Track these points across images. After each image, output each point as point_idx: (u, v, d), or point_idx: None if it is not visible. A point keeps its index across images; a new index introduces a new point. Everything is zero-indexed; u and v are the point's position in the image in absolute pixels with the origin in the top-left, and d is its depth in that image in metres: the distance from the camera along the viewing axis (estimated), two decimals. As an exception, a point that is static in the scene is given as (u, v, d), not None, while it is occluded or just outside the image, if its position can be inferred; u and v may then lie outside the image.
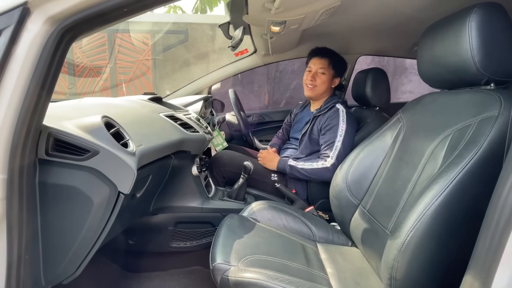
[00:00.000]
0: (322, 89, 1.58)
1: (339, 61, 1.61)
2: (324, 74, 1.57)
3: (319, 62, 1.58)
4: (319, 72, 1.57)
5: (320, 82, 1.57)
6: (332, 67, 1.57)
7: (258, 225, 1.09)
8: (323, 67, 1.56)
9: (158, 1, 0.67)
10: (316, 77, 1.57)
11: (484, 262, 0.51)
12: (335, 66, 1.58)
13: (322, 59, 1.57)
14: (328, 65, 1.57)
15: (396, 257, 0.71)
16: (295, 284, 0.76)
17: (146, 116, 1.15)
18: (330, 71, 1.57)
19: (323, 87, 1.58)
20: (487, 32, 0.75)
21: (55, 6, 0.59)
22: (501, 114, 0.70)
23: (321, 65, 1.57)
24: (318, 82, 1.57)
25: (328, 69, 1.57)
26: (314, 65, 1.59)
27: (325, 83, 1.57)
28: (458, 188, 0.68)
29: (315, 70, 1.58)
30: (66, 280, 0.80)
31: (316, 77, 1.57)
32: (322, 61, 1.57)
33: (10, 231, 0.61)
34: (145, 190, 1.05)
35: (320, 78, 1.57)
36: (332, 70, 1.58)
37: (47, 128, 0.68)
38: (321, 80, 1.57)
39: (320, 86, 1.57)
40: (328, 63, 1.57)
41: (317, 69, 1.57)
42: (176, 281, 1.32)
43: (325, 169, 1.40)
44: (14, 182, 0.60)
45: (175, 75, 3.63)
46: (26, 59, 0.59)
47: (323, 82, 1.57)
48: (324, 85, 1.58)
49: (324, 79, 1.57)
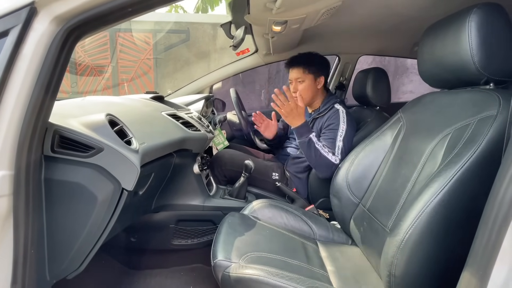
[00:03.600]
0: (308, 95, 1.58)
1: (313, 63, 1.58)
2: (303, 81, 1.56)
3: (294, 72, 1.58)
4: (298, 82, 1.57)
5: (303, 90, 1.56)
6: (308, 71, 1.56)
7: (258, 223, 1.10)
8: (299, 76, 1.56)
9: (162, 1, 0.68)
10: (297, 87, 1.57)
11: (482, 258, 0.51)
12: (311, 69, 1.56)
13: (296, 68, 1.57)
14: (303, 72, 1.56)
15: (395, 254, 0.71)
16: (295, 281, 0.77)
17: (148, 115, 1.17)
18: (308, 76, 1.56)
19: (308, 93, 1.57)
20: (486, 32, 0.76)
21: (61, 6, 0.60)
22: (499, 114, 0.71)
23: (297, 75, 1.57)
24: (301, 92, 1.55)
25: (305, 75, 1.56)
26: (292, 76, 1.60)
27: (307, 89, 1.57)
28: (457, 187, 0.68)
29: (294, 80, 1.59)
30: (70, 276, 0.81)
31: (297, 87, 1.57)
32: (296, 70, 1.57)
33: (16, 226, 0.62)
34: (148, 188, 1.07)
35: (300, 86, 1.57)
36: (310, 74, 1.56)
37: (52, 125, 0.70)
38: (302, 88, 1.56)
39: (304, 94, 1.56)
40: (303, 70, 1.56)
41: (295, 79, 1.58)
42: (177, 279, 1.33)
43: (331, 165, 1.36)
44: (21, 178, 0.61)
45: (176, 74, 3.64)
46: (33, 58, 0.60)
47: (305, 89, 1.56)
48: (307, 91, 1.57)
49: (305, 86, 1.56)
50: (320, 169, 1.39)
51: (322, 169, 1.39)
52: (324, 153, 1.37)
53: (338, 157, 1.38)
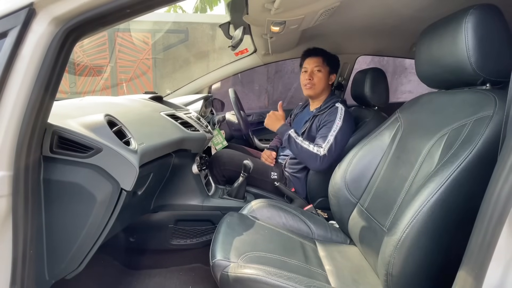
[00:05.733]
0: (320, 86, 1.63)
1: (332, 58, 1.66)
2: (320, 72, 1.62)
3: (313, 61, 1.63)
4: (315, 70, 1.62)
5: (318, 79, 1.61)
6: (327, 63, 1.63)
7: (257, 223, 1.10)
8: (318, 65, 1.61)
9: (161, 2, 0.68)
10: (313, 75, 1.62)
11: (477, 257, 0.52)
12: (329, 62, 1.63)
13: (316, 58, 1.63)
14: (322, 62, 1.62)
15: (392, 254, 0.72)
16: (294, 280, 0.77)
17: (147, 115, 1.17)
18: (325, 68, 1.62)
19: (322, 84, 1.62)
20: (482, 33, 0.76)
21: (60, 7, 0.60)
22: (495, 114, 0.71)
23: (316, 63, 1.62)
24: (315, 80, 1.61)
25: (323, 66, 1.62)
26: (309, 64, 1.64)
27: (322, 79, 1.62)
28: (453, 186, 0.69)
29: (311, 69, 1.62)
30: (69, 276, 0.81)
31: (313, 75, 1.62)
32: (316, 59, 1.63)
33: (15, 226, 0.62)
34: (146, 188, 1.07)
35: (317, 75, 1.62)
36: (327, 67, 1.63)
37: (51, 126, 0.70)
38: (318, 77, 1.61)
39: (318, 84, 1.62)
40: (322, 61, 1.62)
41: (312, 67, 1.62)
42: (176, 278, 1.33)
43: (315, 156, 1.41)
44: (20, 179, 0.61)
45: (175, 74, 3.64)
46: (32, 59, 0.60)
47: (320, 79, 1.62)
48: (322, 81, 1.62)
49: (321, 76, 1.62)
50: (306, 161, 1.47)
51: (308, 161, 1.46)
52: (305, 146, 1.44)
53: (323, 149, 1.41)
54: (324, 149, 1.41)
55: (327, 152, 1.40)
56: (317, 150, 1.42)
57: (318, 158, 1.40)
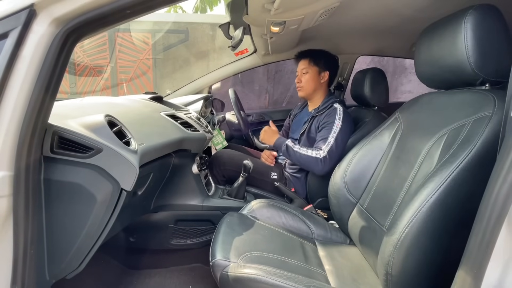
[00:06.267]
0: (309, 86, 1.65)
1: (320, 57, 1.66)
2: (307, 73, 1.64)
3: (301, 63, 1.67)
4: (302, 73, 1.65)
5: (305, 81, 1.64)
6: (314, 63, 1.64)
7: (257, 223, 1.10)
8: (304, 67, 1.64)
9: (161, 3, 0.69)
10: (301, 78, 1.65)
11: (476, 257, 0.52)
12: (317, 62, 1.64)
13: (303, 60, 1.66)
14: (308, 64, 1.64)
15: (392, 253, 0.72)
16: (293, 280, 0.78)
17: (147, 115, 1.17)
18: (312, 68, 1.64)
19: (310, 84, 1.64)
20: (481, 33, 0.77)
21: (60, 8, 0.60)
22: (494, 114, 0.71)
23: (302, 66, 1.65)
24: (303, 82, 1.64)
25: (310, 66, 1.64)
26: (298, 68, 1.68)
27: (309, 80, 1.64)
28: (453, 186, 0.69)
29: (299, 72, 1.67)
30: (69, 275, 0.82)
31: (301, 78, 1.65)
32: (303, 62, 1.66)
33: (16, 226, 0.62)
34: (146, 188, 1.07)
35: (304, 77, 1.65)
36: (315, 66, 1.64)
37: (52, 126, 0.70)
38: (305, 79, 1.64)
39: (306, 85, 1.64)
40: (308, 62, 1.64)
41: (300, 70, 1.66)
42: (176, 278, 1.34)
43: (316, 160, 1.42)
44: (21, 179, 0.61)
45: (175, 74, 3.64)
46: (32, 60, 0.60)
47: (307, 80, 1.64)
48: (309, 82, 1.64)
49: (308, 77, 1.64)
50: (309, 167, 1.47)
51: (310, 166, 1.46)
52: (304, 152, 1.45)
53: (322, 151, 1.42)
54: (324, 151, 1.42)
55: (327, 154, 1.41)
56: (316, 153, 1.43)
57: (319, 161, 1.41)
